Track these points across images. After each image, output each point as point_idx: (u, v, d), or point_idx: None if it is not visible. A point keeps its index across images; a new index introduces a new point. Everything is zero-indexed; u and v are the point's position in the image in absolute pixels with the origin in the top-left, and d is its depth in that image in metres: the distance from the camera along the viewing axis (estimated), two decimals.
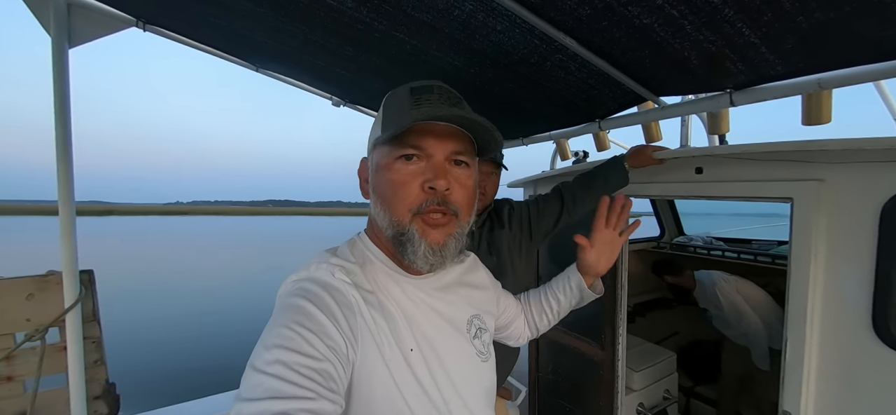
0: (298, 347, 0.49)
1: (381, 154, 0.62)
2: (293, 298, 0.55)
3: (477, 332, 0.72)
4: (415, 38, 1.21)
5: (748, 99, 1.12)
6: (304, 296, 0.55)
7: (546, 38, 1.10)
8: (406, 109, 0.60)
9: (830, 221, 1.14)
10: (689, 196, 1.50)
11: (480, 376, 0.69)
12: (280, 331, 0.50)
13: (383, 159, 0.61)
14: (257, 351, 0.50)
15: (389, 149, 0.60)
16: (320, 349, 0.50)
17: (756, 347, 2.19)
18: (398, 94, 0.63)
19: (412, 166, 0.59)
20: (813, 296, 1.17)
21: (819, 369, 1.18)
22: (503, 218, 1.37)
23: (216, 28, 1.40)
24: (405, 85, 0.64)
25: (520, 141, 2.01)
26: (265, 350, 0.49)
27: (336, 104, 2.04)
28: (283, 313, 0.53)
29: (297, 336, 0.50)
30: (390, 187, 0.60)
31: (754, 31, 0.87)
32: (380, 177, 0.62)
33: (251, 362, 0.49)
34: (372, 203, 0.65)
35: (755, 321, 2.14)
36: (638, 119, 1.48)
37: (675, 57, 1.07)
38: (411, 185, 0.59)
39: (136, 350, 6.51)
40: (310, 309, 0.53)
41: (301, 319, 0.52)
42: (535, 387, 2.19)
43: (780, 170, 1.24)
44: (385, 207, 0.61)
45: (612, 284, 1.75)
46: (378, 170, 0.62)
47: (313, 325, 0.52)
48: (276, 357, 0.47)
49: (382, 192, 0.61)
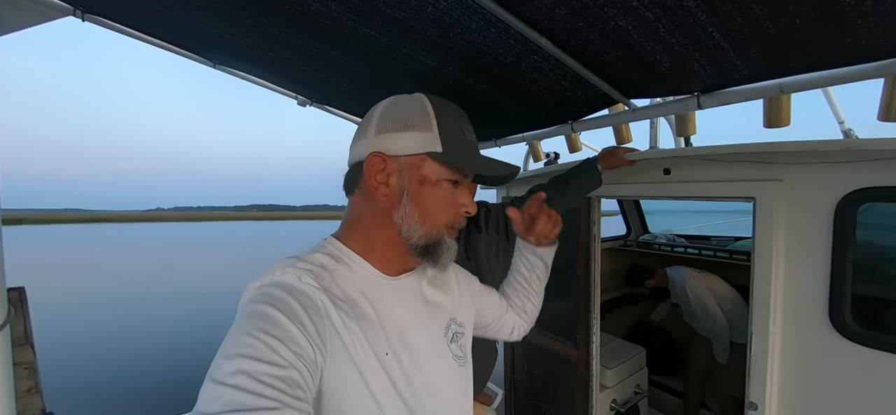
0: (262, 355, 0.47)
1: (433, 171, 0.62)
2: (256, 305, 0.52)
3: (454, 336, 0.71)
4: (386, 36, 1.16)
5: (714, 102, 1.15)
6: (268, 302, 0.52)
7: (521, 39, 1.08)
8: (464, 139, 0.64)
9: (790, 219, 1.20)
10: (657, 196, 1.53)
11: (457, 380, 0.69)
12: (242, 339, 0.48)
13: (434, 175, 0.62)
14: (217, 362, 0.47)
15: (444, 169, 0.62)
16: (286, 356, 0.48)
17: (719, 340, 2.29)
18: (449, 114, 0.64)
19: (453, 189, 0.64)
20: (775, 291, 1.22)
21: (782, 361, 1.23)
22: (480, 222, 1.34)
23: (165, 19, 1.28)
24: (449, 104, 0.66)
25: (493, 142, 2.00)
26: (226, 360, 0.46)
27: (302, 104, 1.95)
28: (245, 321, 0.50)
29: (260, 344, 0.47)
30: (438, 204, 0.63)
31: (724, 35, 0.89)
32: (426, 190, 0.63)
33: (210, 374, 0.46)
34: (402, 211, 0.62)
35: (720, 316, 2.25)
36: (609, 121, 1.50)
37: (647, 60, 1.08)
38: (454, 206, 0.65)
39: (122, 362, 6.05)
40: (274, 315, 0.51)
41: (265, 325, 0.49)
42: (512, 389, 2.19)
43: (743, 170, 1.28)
44: (423, 219, 0.63)
45: (586, 282, 1.77)
46: (424, 183, 0.62)
47: (278, 331, 0.49)
48: (239, 367, 0.45)
49: (426, 206, 0.63)
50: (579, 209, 1.75)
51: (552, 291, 1.03)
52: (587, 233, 1.75)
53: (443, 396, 0.65)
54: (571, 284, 1.83)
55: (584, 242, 1.76)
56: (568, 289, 1.85)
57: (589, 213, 1.74)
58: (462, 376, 0.70)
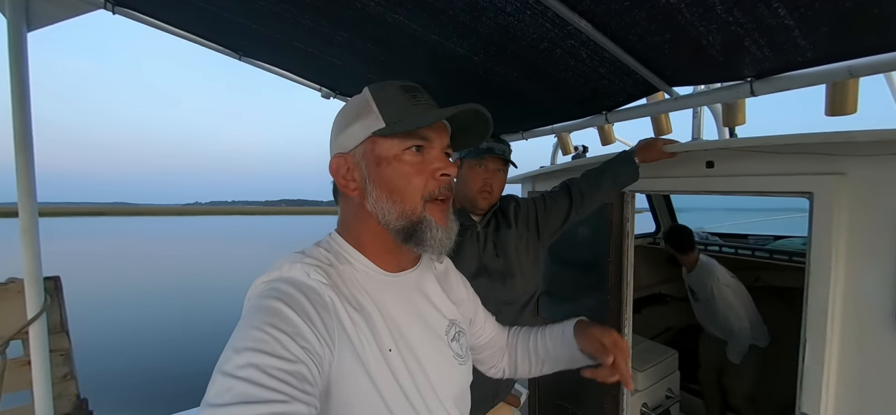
0: (271, 349, 0.47)
1: (386, 147, 0.62)
2: (265, 300, 0.53)
3: (456, 335, 0.72)
4: (415, 21, 1.12)
5: (770, 88, 1.06)
6: (276, 297, 0.53)
7: (559, 21, 1.01)
8: (410, 105, 0.62)
9: (852, 216, 1.09)
10: (698, 191, 1.44)
11: (458, 378, 0.70)
12: (251, 333, 0.48)
13: (389, 151, 0.62)
14: (226, 355, 0.47)
15: (397, 141, 0.61)
16: (294, 351, 0.49)
17: (737, 343, 2.20)
18: (388, 90, 0.64)
19: (420, 156, 0.62)
20: (833, 295, 1.12)
21: (840, 371, 1.13)
22: (509, 216, 1.29)
23: (194, 9, 1.27)
24: (389, 82, 0.65)
25: (520, 135, 1.93)
26: (235, 354, 0.47)
27: (326, 96, 1.93)
28: (254, 315, 0.51)
29: (269, 338, 0.48)
30: (403, 177, 0.61)
31: (791, 11, 0.80)
32: (386, 169, 0.62)
33: (219, 367, 0.46)
34: (371, 198, 0.63)
35: (743, 321, 2.15)
36: (648, 111, 1.41)
37: (696, 43, 1.00)
38: (423, 173, 0.62)
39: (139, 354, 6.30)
40: (283, 310, 0.51)
41: (274, 320, 0.50)
42: (537, 388, 2.13)
43: (799, 163, 1.18)
44: (394, 199, 0.62)
45: (618, 281, 1.69)
46: (381, 162, 0.62)
47: (287, 326, 0.50)
48: (248, 360, 0.46)
49: (391, 183, 0.62)
50: (611, 205, 1.67)
51: (582, 290, 0.98)
52: (620, 230, 1.67)
53: (443, 393, 0.65)
54: (602, 283, 1.75)
55: (616, 239, 1.68)
56: (598, 287, 1.77)
57: (622, 208, 1.66)
58: (463, 375, 0.71)
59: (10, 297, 1.38)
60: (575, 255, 2.04)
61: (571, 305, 2.06)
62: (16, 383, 1.41)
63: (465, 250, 1.19)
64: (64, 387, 1.55)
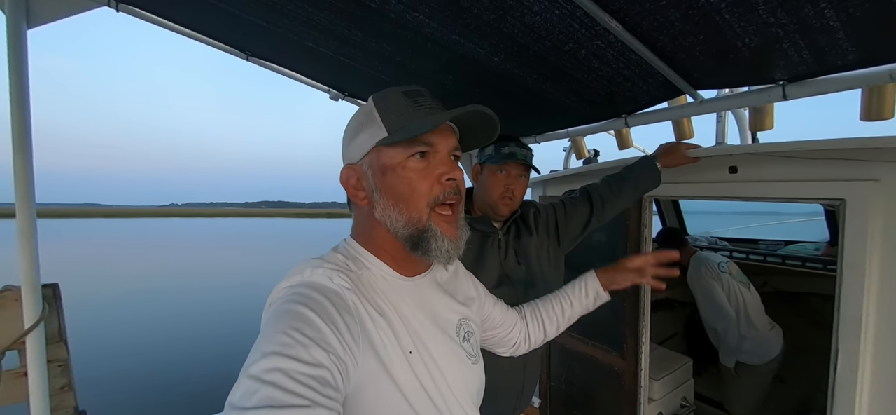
0: (297, 354, 0.48)
1: (390, 155, 0.62)
2: (291, 304, 0.53)
3: (466, 335, 0.73)
4: (436, 20, 1.07)
5: (804, 92, 1.03)
6: (301, 302, 0.54)
7: (587, 21, 0.98)
8: (411, 111, 0.62)
9: (887, 223, 1.06)
10: (721, 197, 1.41)
11: (472, 378, 0.70)
12: (278, 338, 0.49)
13: (394, 160, 0.62)
14: (253, 357, 0.48)
15: (401, 149, 0.61)
16: (319, 356, 0.49)
17: (725, 345, 2.12)
18: (391, 97, 0.64)
19: (425, 162, 0.62)
20: (867, 304, 1.09)
21: (874, 382, 1.10)
22: (530, 223, 1.24)
23: (201, 7, 1.22)
24: (391, 89, 0.65)
25: (533, 138, 1.89)
26: (262, 357, 0.47)
27: (334, 98, 1.88)
28: (280, 319, 0.51)
29: (295, 343, 0.49)
30: (408, 184, 0.61)
31: (839, 12, 0.77)
32: (391, 177, 0.62)
33: (246, 370, 0.47)
34: (379, 206, 0.63)
35: (727, 321, 2.08)
36: (670, 114, 1.38)
37: (729, 44, 0.97)
38: (428, 179, 0.62)
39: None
40: (309, 315, 0.52)
41: (300, 325, 0.51)
42: (548, 398, 2.08)
43: (829, 169, 1.15)
44: (400, 206, 0.62)
45: (635, 288, 1.65)
46: (386, 171, 0.62)
47: (312, 331, 0.51)
48: (275, 365, 0.46)
49: (396, 191, 0.62)
50: (629, 210, 1.63)
51: None
52: (637, 234, 1.63)
53: (459, 393, 0.66)
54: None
55: (633, 243, 1.64)
56: (615, 292, 1.73)
57: (640, 213, 1.62)
58: (476, 374, 0.72)
59: (7, 305, 1.32)
60: (592, 260, 1.99)
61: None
62: (12, 396, 1.35)
63: (487, 259, 1.15)
64: (62, 399, 1.48)
